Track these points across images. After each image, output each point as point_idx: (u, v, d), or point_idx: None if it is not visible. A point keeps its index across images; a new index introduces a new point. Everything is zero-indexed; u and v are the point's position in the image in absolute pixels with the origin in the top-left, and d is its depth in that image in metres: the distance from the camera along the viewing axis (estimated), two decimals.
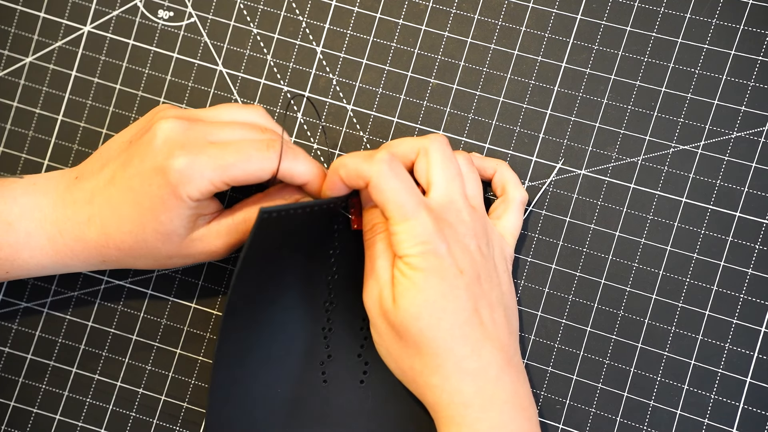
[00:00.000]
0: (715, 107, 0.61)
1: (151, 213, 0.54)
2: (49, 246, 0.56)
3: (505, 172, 0.60)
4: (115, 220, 0.55)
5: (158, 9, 0.64)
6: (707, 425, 0.60)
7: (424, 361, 0.53)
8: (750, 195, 0.60)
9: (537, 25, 0.62)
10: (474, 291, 0.53)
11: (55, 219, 0.56)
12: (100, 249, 0.56)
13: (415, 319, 0.52)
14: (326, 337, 0.59)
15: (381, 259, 0.54)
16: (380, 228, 0.55)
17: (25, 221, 0.56)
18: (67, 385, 0.63)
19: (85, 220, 0.56)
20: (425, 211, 0.52)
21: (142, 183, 0.54)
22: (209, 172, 0.53)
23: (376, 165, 0.52)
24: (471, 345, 0.52)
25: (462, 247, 0.53)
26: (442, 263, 0.52)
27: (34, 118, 0.65)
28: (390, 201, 0.52)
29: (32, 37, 0.65)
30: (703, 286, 0.60)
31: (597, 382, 0.61)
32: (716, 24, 0.61)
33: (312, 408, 0.59)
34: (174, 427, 0.63)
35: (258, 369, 0.58)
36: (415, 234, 0.52)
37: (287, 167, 0.55)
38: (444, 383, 0.52)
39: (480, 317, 0.53)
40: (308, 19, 0.64)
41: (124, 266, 0.58)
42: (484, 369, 0.52)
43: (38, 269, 0.57)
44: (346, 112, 0.63)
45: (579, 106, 0.62)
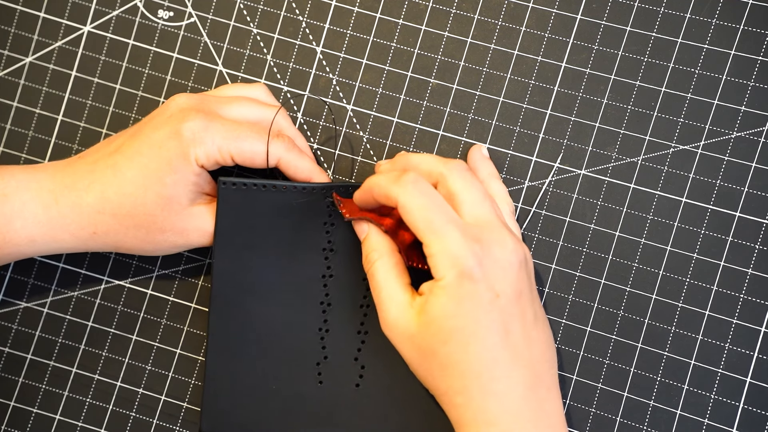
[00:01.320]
0: (715, 107, 0.61)
1: (156, 175, 0.55)
2: (42, 213, 0.56)
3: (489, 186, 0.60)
4: (117, 183, 0.56)
5: (158, 9, 0.64)
6: (707, 425, 0.60)
7: (448, 382, 0.52)
8: (750, 195, 0.60)
9: (537, 25, 0.62)
10: (510, 312, 0.52)
11: (52, 188, 0.56)
12: (95, 216, 0.56)
13: (442, 343, 0.51)
14: (323, 338, 0.59)
15: (388, 285, 0.54)
16: (375, 256, 0.55)
17: (21, 192, 0.56)
18: (67, 385, 0.63)
19: (84, 186, 0.56)
20: (456, 228, 0.51)
21: (152, 147, 0.56)
22: (220, 139, 0.56)
23: (402, 186, 0.52)
24: (499, 368, 0.51)
25: (501, 266, 0.52)
26: (476, 288, 0.51)
27: (34, 118, 0.65)
28: (419, 219, 0.52)
29: (32, 37, 0.65)
30: (703, 286, 0.60)
31: (597, 382, 0.61)
32: (716, 24, 0.61)
33: (307, 408, 0.59)
34: (174, 427, 0.63)
35: (253, 365, 0.59)
36: (449, 253, 0.51)
37: (293, 160, 0.58)
38: (469, 403, 0.52)
39: (513, 338, 0.52)
40: (308, 19, 0.64)
41: (113, 244, 0.57)
42: (511, 389, 0.51)
43: (28, 243, 0.56)
44: (346, 112, 0.63)
45: (579, 106, 0.62)
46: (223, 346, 0.59)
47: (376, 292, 0.54)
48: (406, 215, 0.52)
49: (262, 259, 0.58)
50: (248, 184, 0.57)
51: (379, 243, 0.55)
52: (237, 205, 0.57)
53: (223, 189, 0.57)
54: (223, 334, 0.59)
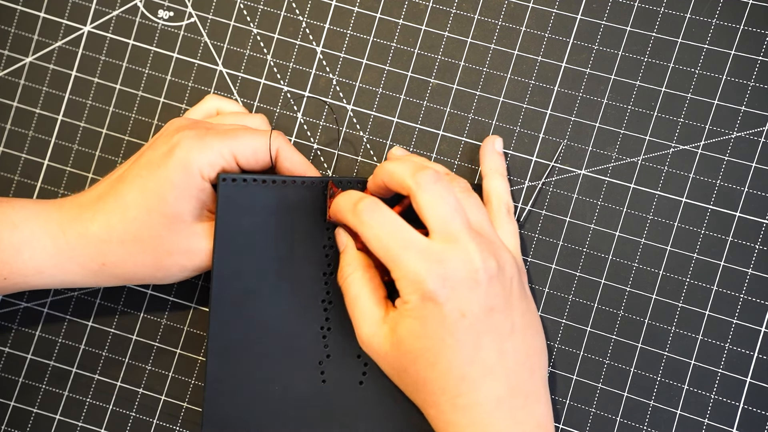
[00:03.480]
0: (715, 107, 0.61)
1: (157, 194, 0.55)
2: (50, 244, 0.56)
3: (492, 180, 0.59)
4: (120, 209, 0.55)
5: (158, 9, 0.64)
6: (707, 425, 0.60)
7: (422, 396, 0.54)
8: (750, 195, 0.60)
9: (537, 25, 0.62)
10: (478, 329, 0.52)
11: (59, 219, 0.56)
12: (102, 245, 0.56)
13: (412, 362, 0.52)
14: (325, 337, 0.59)
15: (361, 300, 0.54)
16: (349, 270, 0.55)
17: (30, 222, 0.56)
18: (67, 385, 0.63)
19: (89, 217, 0.56)
20: (414, 252, 0.51)
21: (151, 167, 0.55)
22: (218, 143, 0.56)
23: (357, 217, 0.53)
24: (467, 383, 0.52)
25: (469, 284, 0.51)
26: (440, 310, 0.51)
27: (34, 118, 0.65)
28: (378, 249, 0.52)
29: (32, 37, 0.65)
30: (703, 286, 0.60)
31: (597, 382, 0.61)
32: (716, 24, 0.61)
33: (311, 407, 0.59)
34: (174, 427, 0.63)
35: (255, 365, 0.59)
36: (409, 279, 0.51)
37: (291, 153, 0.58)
38: (440, 415, 0.53)
39: (482, 354, 0.52)
40: (308, 19, 0.64)
41: (123, 276, 0.57)
42: (480, 403, 0.52)
43: (35, 273, 0.56)
44: (346, 112, 0.63)
45: (579, 106, 0.62)
46: (224, 347, 0.58)
47: (350, 307, 0.55)
48: (368, 245, 0.53)
49: (263, 256, 0.58)
50: (248, 179, 0.57)
51: (354, 257, 0.56)
52: (237, 201, 0.57)
53: (223, 185, 0.57)
54: (224, 334, 0.58)
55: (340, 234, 0.58)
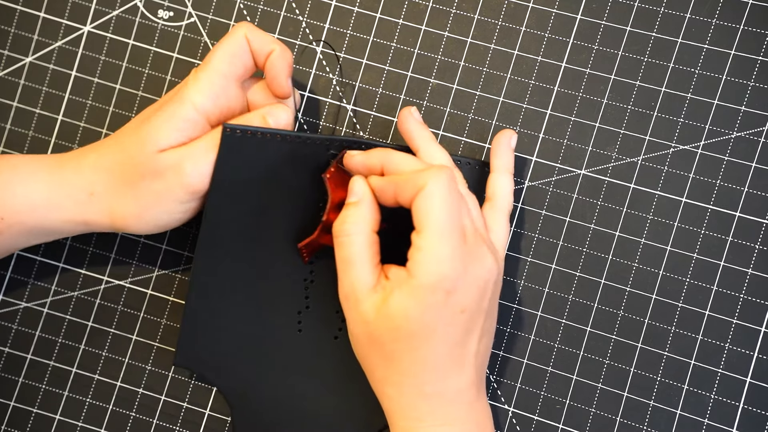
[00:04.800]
0: (715, 107, 0.61)
1: (146, 119, 0.56)
2: (46, 177, 0.56)
3: (500, 177, 0.59)
4: (115, 139, 0.57)
5: (158, 9, 0.64)
6: (707, 425, 0.60)
7: (386, 373, 0.53)
8: (750, 195, 0.60)
9: (537, 25, 0.62)
10: (467, 326, 0.52)
11: (60, 156, 0.58)
12: (92, 174, 0.56)
13: (393, 339, 0.52)
14: (307, 288, 0.59)
15: (357, 265, 0.53)
16: (354, 229, 0.53)
17: (31, 163, 0.57)
18: (67, 385, 0.63)
19: (88, 149, 0.58)
20: (460, 240, 0.51)
21: (153, 108, 0.57)
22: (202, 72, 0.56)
23: (438, 174, 0.51)
24: (438, 373, 0.52)
25: (477, 285, 0.52)
26: (447, 302, 0.51)
27: (34, 118, 0.65)
28: (435, 212, 0.51)
29: (32, 37, 0.65)
30: (703, 286, 0.60)
31: (597, 382, 0.61)
32: (716, 24, 0.61)
33: (283, 354, 0.59)
34: (174, 427, 0.63)
35: (234, 306, 0.59)
36: (439, 260, 0.50)
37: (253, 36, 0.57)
38: (400, 397, 0.53)
39: (459, 349, 0.53)
40: (308, 19, 0.64)
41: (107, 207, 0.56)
42: (444, 393, 0.53)
43: (29, 210, 0.56)
44: (346, 112, 0.63)
45: (579, 106, 0.62)
46: (206, 284, 0.58)
47: (344, 265, 0.53)
48: (423, 201, 0.51)
49: (256, 205, 0.58)
50: (252, 131, 0.56)
51: (366, 216, 0.54)
52: (238, 152, 0.56)
53: (227, 135, 0.56)
54: (208, 273, 0.58)
55: (359, 182, 0.55)
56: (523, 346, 0.61)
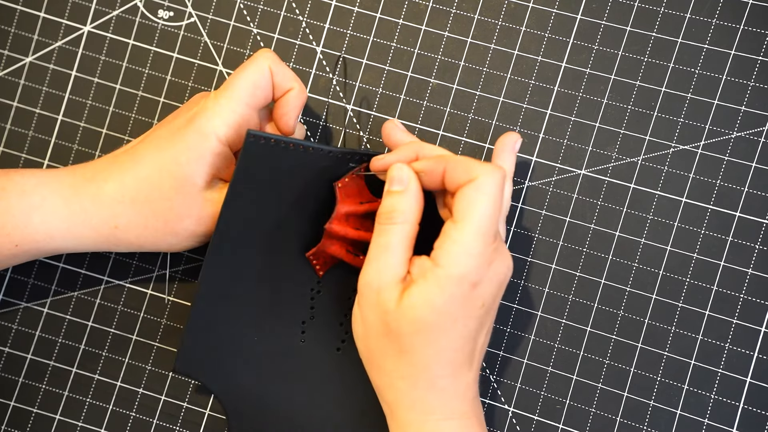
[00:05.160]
0: (715, 107, 0.61)
1: (171, 156, 0.55)
2: (62, 207, 0.55)
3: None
4: (134, 168, 0.55)
5: (158, 9, 0.64)
6: (707, 425, 0.60)
7: (398, 365, 0.53)
8: (750, 195, 0.60)
9: (537, 25, 0.62)
10: (483, 321, 0.53)
11: (72, 182, 0.56)
12: (115, 206, 0.55)
13: (414, 331, 0.52)
14: (313, 299, 0.59)
15: (391, 254, 0.53)
16: (398, 218, 0.53)
17: (41, 187, 0.56)
18: (67, 385, 0.63)
19: (104, 177, 0.56)
20: (495, 237, 0.52)
21: (170, 132, 0.56)
22: (224, 100, 0.55)
23: (495, 171, 0.52)
24: (452, 367, 0.52)
25: (497, 281, 0.53)
26: (471, 294, 0.51)
27: (34, 118, 0.65)
28: (482, 206, 0.51)
29: (32, 37, 0.65)
30: (703, 286, 0.60)
31: (597, 382, 0.61)
32: (716, 24, 0.61)
33: (284, 364, 0.59)
34: (174, 427, 0.63)
35: (239, 312, 0.59)
36: (472, 253, 0.51)
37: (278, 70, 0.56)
38: (410, 390, 0.53)
39: (474, 345, 0.53)
40: (308, 19, 0.64)
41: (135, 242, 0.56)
42: (455, 386, 0.53)
43: (47, 239, 0.55)
44: (346, 112, 0.63)
45: (579, 106, 0.62)
46: (213, 292, 0.58)
47: (378, 250, 0.53)
48: (473, 192, 0.51)
49: (270, 216, 0.58)
50: (276, 140, 0.56)
51: (413, 206, 0.53)
52: (259, 159, 0.56)
53: (250, 141, 0.55)
54: (216, 281, 0.58)
55: (404, 169, 0.54)
56: (523, 346, 0.61)
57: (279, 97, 0.58)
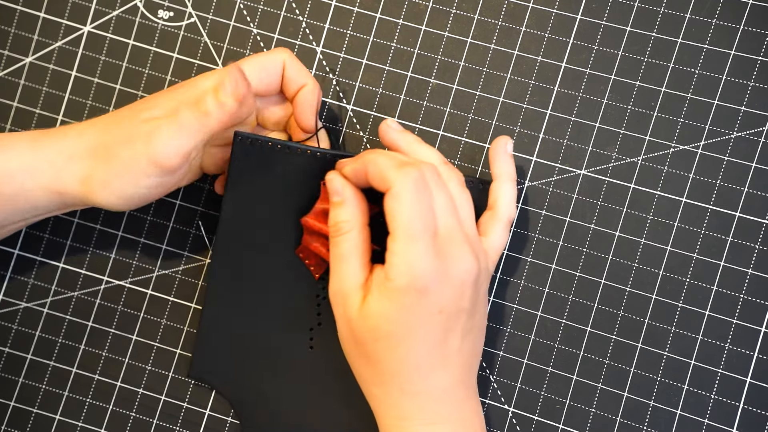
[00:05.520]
0: (715, 107, 0.61)
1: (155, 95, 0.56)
2: (26, 146, 0.55)
3: (502, 185, 0.58)
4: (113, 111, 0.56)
5: (158, 9, 0.64)
6: (707, 425, 0.60)
7: (369, 372, 0.54)
8: (750, 195, 0.60)
9: (537, 25, 0.62)
10: (446, 326, 0.52)
11: (47, 129, 0.57)
12: (75, 138, 0.55)
13: (374, 339, 0.52)
14: (319, 305, 0.59)
15: (347, 263, 0.53)
16: (345, 227, 0.54)
17: (16, 135, 0.56)
18: (67, 385, 0.63)
19: (80, 122, 0.57)
20: (429, 240, 0.51)
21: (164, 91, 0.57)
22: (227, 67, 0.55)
23: (404, 175, 0.51)
24: (420, 372, 0.52)
25: (453, 285, 0.52)
26: (422, 302, 0.51)
27: (34, 118, 0.65)
28: (402, 215, 0.51)
29: (32, 37, 0.65)
30: (703, 286, 0.60)
31: (597, 382, 0.61)
32: (716, 24, 0.61)
33: (294, 370, 0.60)
34: (174, 427, 0.63)
35: (248, 318, 0.60)
36: (410, 262, 0.51)
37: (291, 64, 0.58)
38: (385, 397, 0.54)
39: (439, 349, 0.53)
40: (308, 19, 0.64)
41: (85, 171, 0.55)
42: (428, 391, 0.53)
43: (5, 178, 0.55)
44: (346, 112, 0.63)
45: (579, 106, 0.62)
46: (222, 296, 0.59)
47: (336, 263, 0.54)
48: (392, 203, 0.51)
49: (270, 216, 0.58)
50: (262, 141, 0.57)
51: (355, 212, 0.54)
52: (249, 160, 0.57)
53: (238, 142, 0.57)
54: (223, 285, 0.59)
55: (336, 181, 0.55)
56: (523, 346, 0.61)
57: (293, 95, 0.58)
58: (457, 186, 0.56)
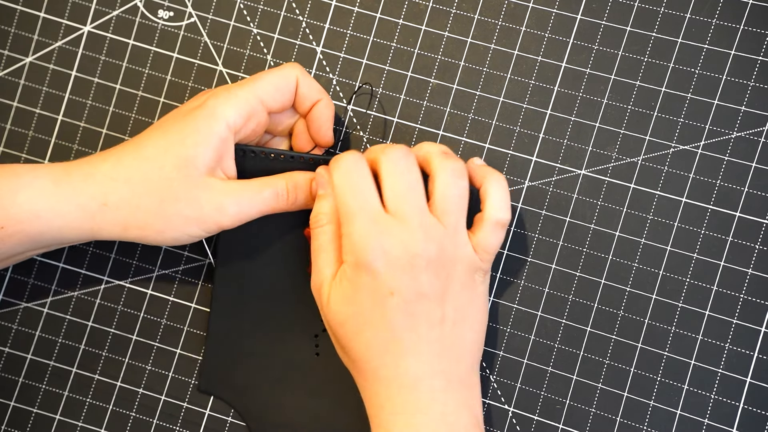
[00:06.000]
0: (715, 107, 0.61)
1: (178, 137, 0.54)
2: (50, 186, 0.54)
3: (489, 187, 0.56)
4: (135, 149, 0.55)
5: (158, 9, 0.64)
6: (707, 425, 0.60)
7: (348, 362, 0.55)
8: (750, 195, 0.60)
9: (537, 25, 0.62)
10: (406, 310, 0.52)
11: (66, 165, 0.56)
12: (108, 183, 0.54)
13: (340, 325, 0.54)
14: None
15: (323, 253, 0.55)
16: (323, 220, 0.55)
17: (34, 170, 0.55)
18: (67, 385, 0.63)
19: (102, 158, 0.55)
20: (366, 216, 0.52)
21: (176, 116, 0.56)
22: (242, 91, 0.56)
23: (336, 165, 0.54)
24: (390, 356, 0.53)
25: (404, 265, 0.52)
26: (372, 282, 0.52)
27: (34, 118, 0.65)
28: (338, 199, 0.53)
29: (32, 37, 0.65)
30: (703, 286, 0.60)
31: (597, 382, 0.61)
32: (716, 24, 0.61)
33: (302, 377, 0.60)
34: (174, 427, 0.63)
35: (254, 328, 0.60)
36: (352, 240, 0.52)
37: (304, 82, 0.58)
38: (363, 384, 0.54)
39: (409, 334, 0.52)
40: (308, 19, 0.64)
41: (122, 222, 0.54)
42: (400, 377, 0.53)
43: (32, 218, 0.54)
44: (346, 112, 0.63)
45: (579, 106, 0.62)
46: (227, 308, 0.60)
47: (314, 256, 0.55)
48: (334, 191, 0.54)
49: (271, 226, 0.59)
50: (264, 152, 0.58)
51: (333, 207, 0.55)
52: (249, 172, 0.57)
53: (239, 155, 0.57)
54: (228, 296, 0.60)
55: (322, 175, 0.56)
56: (523, 346, 0.61)
57: (307, 111, 0.59)
58: (447, 177, 0.54)
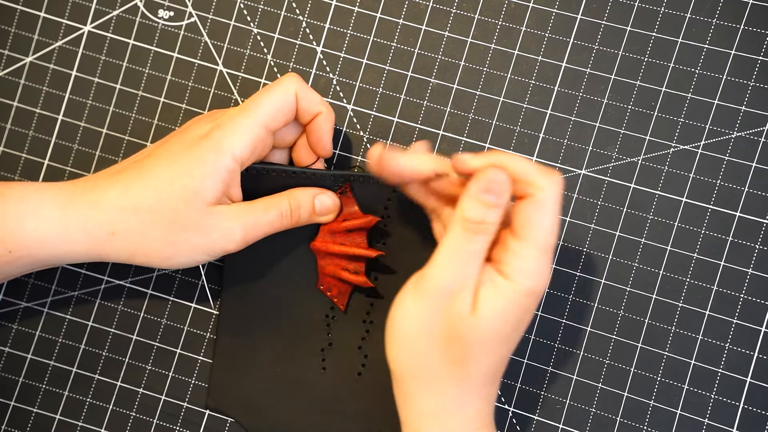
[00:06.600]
0: (715, 107, 0.61)
1: (184, 168, 0.54)
2: (57, 213, 0.54)
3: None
4: (142, 178, 0.55)
5: (158, 9, 0.64)
6: (707, 425, 0.60)
7: (449, 371, 0.52)
8: (750, 195, 0.60)
9: (537, 25, 0.62)
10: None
11: (72, 189, 0.55)
12: (114, 212, 0.54)
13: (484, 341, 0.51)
14: (329, 325, 0.60)
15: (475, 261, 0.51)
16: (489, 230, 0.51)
17: (40, 193, 0.55)
18: (67, 385, 0.63)
19: (107, 185, 0.55)
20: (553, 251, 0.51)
21: (183, 145, 0.55)
22: (245, 120, 0.55)
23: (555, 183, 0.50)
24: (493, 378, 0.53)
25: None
26: (532, 307, 0.51)
27: (34, 118, 0.65)
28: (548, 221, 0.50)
29: (32, 37, 0.65)
30: (703, 286, 0.60)
31: (597, 382, 0.61)
32: (716, 24, 0.61)
33: (309, 393, 0.60)
34: (174, 427, 0.63)
35: (261, 345, 0.60)
36: (538, 269, 0.51)
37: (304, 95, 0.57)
38: (458, 396, 0.52)
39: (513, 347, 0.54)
40: (308, 19, 0.64)
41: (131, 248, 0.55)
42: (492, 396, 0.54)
43: (39, 245, 0.55)
44: (346, 112, 0.63)
45: (579, 106, 0.62)
46: (234, 325, 0.60)
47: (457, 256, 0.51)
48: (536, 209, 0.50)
49: (276, 242, 0.58)
50: (267, 170, 0.58)
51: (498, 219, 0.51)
52: (255, 189, 0.57)
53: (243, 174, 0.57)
54: (235, 313, 0.60)
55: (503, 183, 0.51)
56: (523, 347, 0.61)
57: (308, 122, 0.58)
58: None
